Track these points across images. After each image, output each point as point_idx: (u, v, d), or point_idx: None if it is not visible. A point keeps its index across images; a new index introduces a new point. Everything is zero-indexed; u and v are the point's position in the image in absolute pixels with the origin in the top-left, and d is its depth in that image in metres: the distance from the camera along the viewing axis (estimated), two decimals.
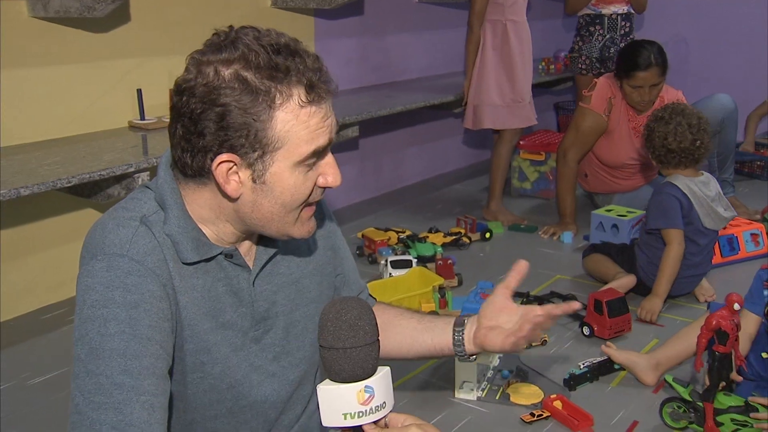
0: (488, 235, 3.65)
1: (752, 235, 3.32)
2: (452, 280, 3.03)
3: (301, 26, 3.77)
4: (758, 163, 4.63)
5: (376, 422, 0.95)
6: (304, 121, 1.03)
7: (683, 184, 2.71)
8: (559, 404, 2.13)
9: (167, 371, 1.04)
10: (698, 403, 1.96)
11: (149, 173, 2.52)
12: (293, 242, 1.22)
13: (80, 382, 0.98)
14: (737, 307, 1.88)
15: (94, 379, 0.97)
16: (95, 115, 2.95)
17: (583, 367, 2.30)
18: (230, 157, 1.03)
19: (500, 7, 3.63)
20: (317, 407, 0.97)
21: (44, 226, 2.88)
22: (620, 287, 2.78)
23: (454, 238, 3.52)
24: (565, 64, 5.11)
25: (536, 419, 2.10)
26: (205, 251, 1.11)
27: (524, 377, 2.30)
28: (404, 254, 3.18)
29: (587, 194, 4.02)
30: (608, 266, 2.97)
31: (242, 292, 1.16)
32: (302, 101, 1.03)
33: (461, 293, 2.94)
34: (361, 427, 0.95)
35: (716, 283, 2.99)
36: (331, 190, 1.15)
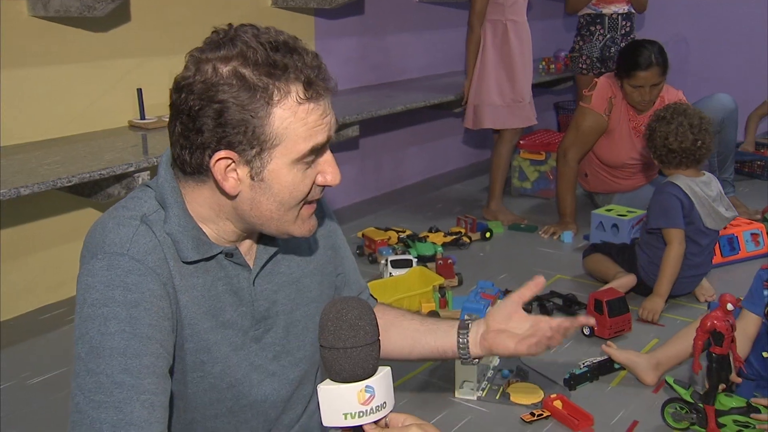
0: (488, 234, 3.65)
1: (752, 234, 3.32)
2: (452, 279, 3.03)
3: (301, 26, 3.77)
4: (758, 162, 4.63)
5: (376, 422, 0.95)
6: (302, 118, 1.03)
7: (684, 183, 2.71)
8: (559, 404, 2.13)
9: (168, 370, 1.03)
10: (699, 404, 1.96)
11: (149, 173, 2.52)
12: (294, 241, 1.22)
13: (81, 380, 0.98)
14: (730, 307, 1.88)
15: (94, 377, 0.97)
16: (95, 114, 2.95)
17: (583, 366, 2.30)
18: (228, 153, 1.03)
19: (500, 6, 3.63)
20: (318, 407, 0.96)
21: (44, 225, 2.87)
22: (620, 287, 2.78)
23: (454, 237, 3.52)
24: (565, 63, 5.11)
25: (536, 419, 2.10)
26: (205, 250, 1.11)
27: (524, 377, 2.30)
28: (404, 254, 3.18)
29: (587, 194, 4.02)
30: (608, 266, 2.97)
31: (242, 291, 1.16)
32: (300, 98, 1.02)
33: (461, 293, 2.93)
34: (361, 427, 0.95)
35: (716, 283, 2.98)
36: (331, 189, 1.14)
